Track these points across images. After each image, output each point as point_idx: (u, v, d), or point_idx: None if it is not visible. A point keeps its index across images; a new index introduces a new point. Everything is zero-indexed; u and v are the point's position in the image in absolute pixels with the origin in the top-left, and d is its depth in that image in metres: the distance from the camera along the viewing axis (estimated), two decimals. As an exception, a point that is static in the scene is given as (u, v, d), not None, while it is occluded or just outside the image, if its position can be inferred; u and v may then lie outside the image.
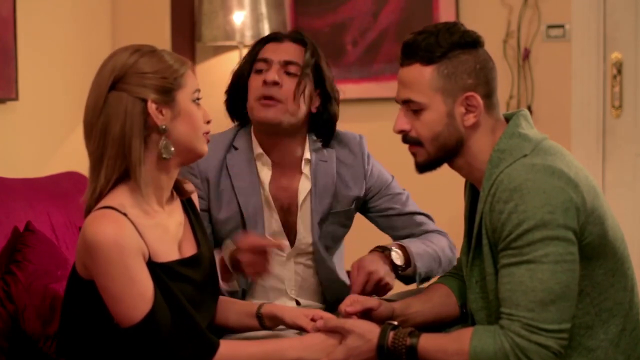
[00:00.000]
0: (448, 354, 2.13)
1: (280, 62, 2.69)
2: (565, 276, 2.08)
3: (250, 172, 2.70)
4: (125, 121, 2.14)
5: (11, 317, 2.58)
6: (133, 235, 2.12)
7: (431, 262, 2.69)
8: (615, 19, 4.06)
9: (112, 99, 2.15)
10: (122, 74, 2.16)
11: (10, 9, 3.45)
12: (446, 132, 2.22)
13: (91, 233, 2.10)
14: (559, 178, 2.11)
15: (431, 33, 2.22)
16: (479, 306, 2.27)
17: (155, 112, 2.16)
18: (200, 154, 2.25)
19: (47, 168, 3.57)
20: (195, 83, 2.26)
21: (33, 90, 3.62)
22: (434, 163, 2.27)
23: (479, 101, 2.20)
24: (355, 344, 2.21)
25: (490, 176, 2.18)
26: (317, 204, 2.73)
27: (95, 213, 2.13)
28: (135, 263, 2.11)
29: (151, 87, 2.16)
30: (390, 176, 2.85)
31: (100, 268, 2.10)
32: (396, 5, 4.28)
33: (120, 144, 2.14)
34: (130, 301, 2.10)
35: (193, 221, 2.36)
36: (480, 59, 2.22)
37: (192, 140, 2.22)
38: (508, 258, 2.11)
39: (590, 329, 2.17)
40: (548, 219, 2.07)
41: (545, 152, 2.17)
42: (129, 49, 2.21)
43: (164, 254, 2.20)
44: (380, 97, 4.27)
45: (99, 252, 2.09)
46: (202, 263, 2.31)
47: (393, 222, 2.82)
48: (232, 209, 2.69)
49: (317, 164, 2.74)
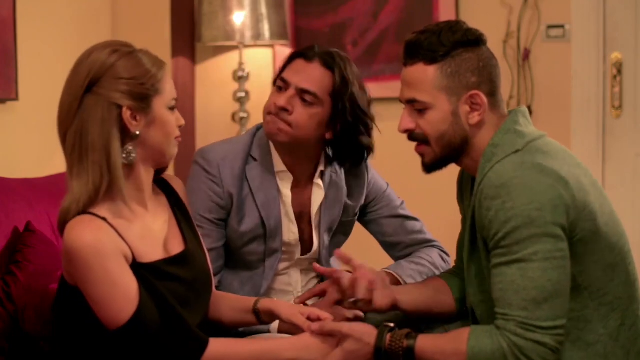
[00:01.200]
0: (446, 355, 2.14)
1: (297, 89, 2.59)
2: (556, 273, 2.09)
3: (271, 186, 2.67)
4: (102, 127, 2.13)
5: (11, 317, 2.58)
6: (112, 239, 2.12)
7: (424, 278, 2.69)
8: (615, 19, 4.06)
9: (87, 102, 2.14)
10: (98, 77, 2.15)
11: (10, 9, 3.45)
12: (451, 131, 2.23)
13: (70, 240, 2.11)
14: (547, 175, 2.11)
15: (433, 32, 2.22)
16: (478, 300, 2.28)
17: (130, 119, 2.16)
18: (170, 158, 2.25)
19: (47, 168, 3.57)
20: (173, 90, 2.23)
21: (33, 90, 3.61)
22: (441, 162, 2.28)
23: (483, 99, 2.20)
24: (353, 348, 2.21)
25: (482, 170, 2.18)
26: (327, 214, 2.73)
27: (74, 220, 2.13)
28: (116, 266, 2.11)
29: (128, 93, 2.15)
30: (385, 183, 2.85)
31: (81, 274, 2.11)
32: (396, 5, 4.28)
33: (101, 150, 2.13)
34: (115, 304, 2.11)
35: (180, 218, 2.34)
36: (483, 57, 2.22)
37: (163, 146, 2.22)
38: (498, 257, 2.12)
39: (590, 323, 2.18)
40: (535, 216, 2.08)
41: (537, 150, 2.17)
42: (107, 48, 2.19)
43: (148, 254, 2.20)
44: (380, 97, 4.25)
45: (78, 258, 2.10)
46: (190, 261, 2.29)
47: (384, 229, 2.82)
48: (254, 221, 2.67)
49: (330, 176, 2.73)
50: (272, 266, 2.70)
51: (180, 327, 2.17)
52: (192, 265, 2.29)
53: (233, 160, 2.65)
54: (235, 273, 2.71)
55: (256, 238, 2.68)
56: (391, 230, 2.81)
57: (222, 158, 2.65)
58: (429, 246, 2.82)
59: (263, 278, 2.70)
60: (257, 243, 2.69)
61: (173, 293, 2.20)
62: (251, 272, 2.71)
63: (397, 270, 2.69)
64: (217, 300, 2.44)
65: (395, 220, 2.81)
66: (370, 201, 2.81)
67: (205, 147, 2.71)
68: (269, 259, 2.70)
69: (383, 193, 2.82)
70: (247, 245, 2.69)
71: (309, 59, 2.61)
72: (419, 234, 2.82)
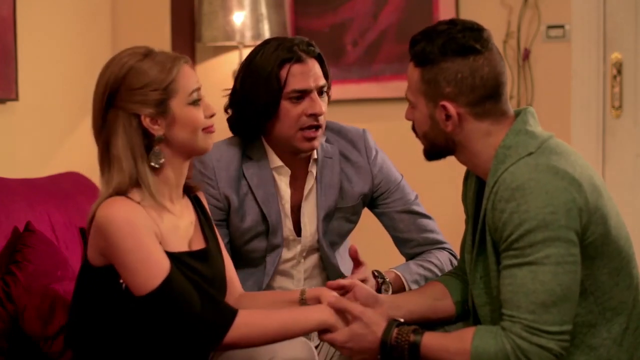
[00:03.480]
0: (450, 353, 2.14)
1: (318, 89, 2.63)
2: (566, 277, 2.08)
3: (268, 182, 2.69)
4: (125, 137, 2.21)
5: (11, 317, 2.58)
6: (146, 217, 2.18)
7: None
8: (615, 19, 4.05)
9: (110, 117, 2.22)
10: (114, 91, 2.22)
11: (10, 9, 3.45)
12: (432, 133, 2.25)
13: (103, 216, 2.16)
14: (562, 178, 2.11)
15: (429, 35, 2.22)
16: (482, 301, 2.28)
17: (150, 124, 2.22)
18: (204, 149, 2.30)
19: (47, 168, 3.57)
20: (191, 83, 2.26)
21: (33, 90, 3.62)
22: (435, 155, 2.30)
23: (452, 111, 2.20)
24: (359, 332, 2.23)
25: (495, 172, 2.17)
26: (323, 199, 2.73)
27: (107, 200, 2.19)
28: (149, 238, 2.17)
29: (143, 102, 2.21)
30: (400, 175, 2.83)
31: (114, 245, 2.15)
32: (396, 6, 4.28)
33: (126, 158, 2.21)
34: (147, 270, 2.15)
35: (202, 220, 2.39)
36: (466, 67, 2.19)
37: (191, 141, 2.27)
38: (510, 259, 2.11)
39: (593, 328, 2.17)
40: (550, 220, 2.07)
41: (551, 151, 2.16)
42: (123, 57, 2.24)
43: (173, 245, 2.24)
44: (380, 97, 4.27)
45: (112, 229, 2.14)
46: (210, 259, 2.33)
47: (396, 223, 2.81)
48: (255, 218, 2.69)
49: (323, 161, 2.74)
50: (273, 262, 2.71)
51: (210, 298, 2.21)
52: (212, 263, 2.33)
53: (229, 161, 2.68)
54: (238, 271, 2.72)
55: (258, 235, 2.70)
56: (403, 226, 2.80)
57: (217, 159, 2.67)
58: (440, 248, 2.80)
59: (264, 274, 2.71)
60: (258, 240, 2.70)
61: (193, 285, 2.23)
62: (253, 268, 2.73)
63: (404, 273, 2.69)
64: (247, 300, 2.47)
65: (408, 216, 2.80)
66: (382, 192, 2.80)
67: None
68: (270, 254, 2.71)
69: (397, 185, 2.80)
70: (249, 243, 2.70)
71: (303, 61, 2.63)
72: (431, 233, 2.81)
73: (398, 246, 2.84)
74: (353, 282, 2.40)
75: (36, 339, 2.58)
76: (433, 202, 3.42)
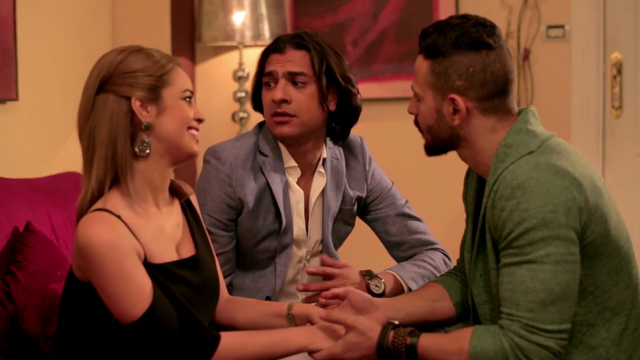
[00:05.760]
0: (448, 354, 2.14)
1: (286, 75, 2.63)
2: (566, 276, 2.08)
3: (282, 180, 2.69)
4: (111, 122, 2.16)
5: (11, 317, 2.58)
6: (127, 236, 2.13)
7: (426, 281, 2.68)
8: (615, 19, 4.06)
9: (99, 101, 2.17)
10: (108, 76, 2.17)
11: (10, 9, 3.45)
12: (437, 127, 2.24)
13: (84, 236, 2.11)
14: (562, 177, 2.11)
15: (442, 28, 2.22)
16: (482, 300, 2.28)
17: (140, 109, 2.17)
18: (189, 152, 2.25)
19: (47, 168, 3.57)
20: (186, 82, 2.25)
21: (33, 91, 3.62)
22: (437, 150, 2.30)
23: (461, 105, 2.20)
24: (355, 340, 2.22)
25: (495, 171, 2.18)
26: (332, 200, 2.74)
27: (87, 216, 2.15)
28: (131, 262, 2.12)
29: (136, 85, 2.17)
30: (390, 182, 2.86)
31: (96, 269, 2.11)
32: (396, 6, 4.28)
33: (108, 144, 2.15)
34: (129, 299, 2.11)
35: (192, 223, 2.36)
36: (478, 62, 2.20)
37: (178, 136, 2.22)
38: (509, 257, 2.11)
39: (592, 327, 2.17)
40: (550, 219, 2.07)
41: (551, 150, 2.17)
42: (115, 50, 2.22)
43: (159, 254, 2.20)
44: (380, 97, 4.27)
45: (93, 254, 2.10)
46: (200, 265, 2.30)
47: (388, 227, 2.82)
48: (269, 216, 2.68)
49: (331, 162, 2.75)
50: (284, 263, 2.71)
51: (193, 324, 2.18)
52: (201, 270, 2.30)
53: (245, 159, 2.67)
54: (245, 274, 2.72)
55: (270, 234, 2.69)
56: (395, 230, 2.81)
57: (235, 157, 2.66)
58: (432, 249, 2.81)
59: (276, 275, 2.71)
60: (270, 239, 2.69)
61: (182, 295, 2.20)
62: (262, 270, 2.72)
63: (400, 272, 2.69)
64: (234, 305, 2.45)
65: (399, 219, 2.81)
66: (374, 199, 2.82)
67: (216, 146, 2.71)
68: (280, 255, 2.71)
69: (388, 191, 2.83)
70: (261, 243, 2.69)
71: (282, 51, 2.66)
72: (423, 235, 2.82)
73: (391, 251, 2.85)
74: (347, 289, 2.39)
75: (36, 338, 2.58)
76: (432, 201, 3.43)
